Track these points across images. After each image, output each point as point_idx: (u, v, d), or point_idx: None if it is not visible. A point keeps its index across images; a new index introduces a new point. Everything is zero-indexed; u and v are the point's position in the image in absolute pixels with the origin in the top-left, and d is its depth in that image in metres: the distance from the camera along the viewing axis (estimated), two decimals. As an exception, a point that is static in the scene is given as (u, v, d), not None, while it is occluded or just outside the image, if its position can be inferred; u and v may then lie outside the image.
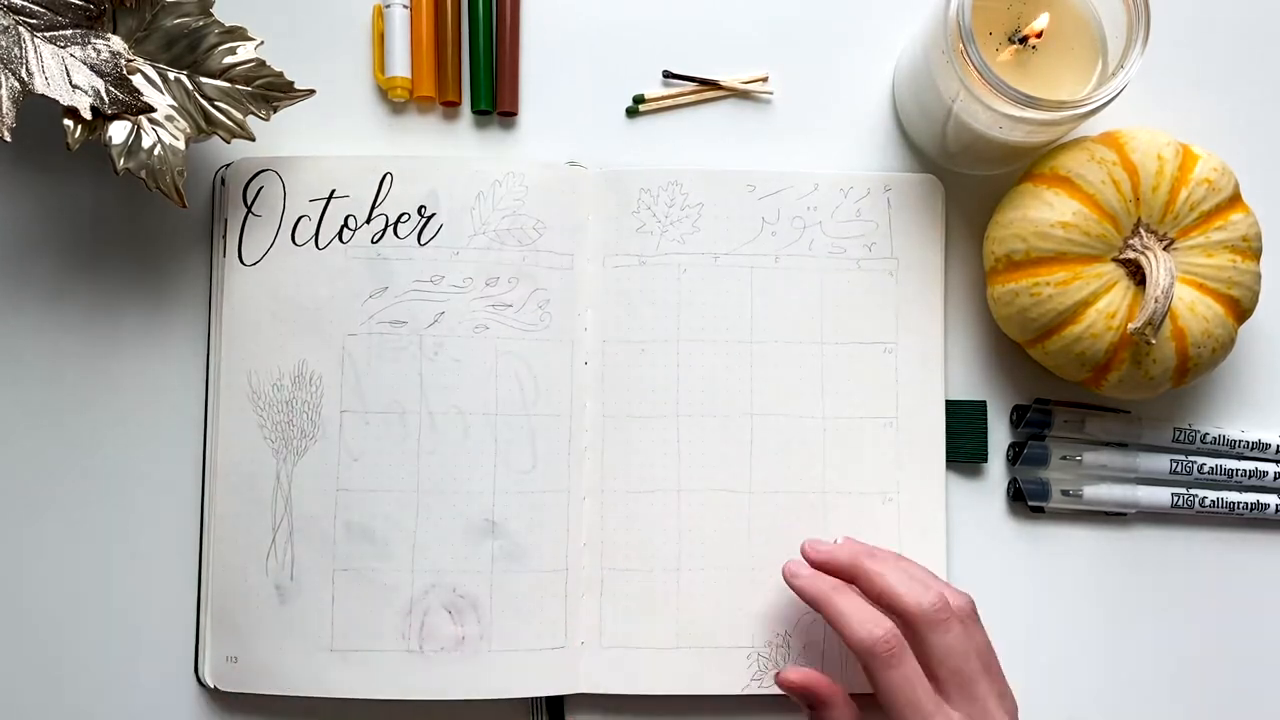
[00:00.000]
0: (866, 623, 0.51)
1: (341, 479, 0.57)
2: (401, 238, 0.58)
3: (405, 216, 0.58)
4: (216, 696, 0.57)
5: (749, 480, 0.58)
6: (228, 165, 0.59)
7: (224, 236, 0.58)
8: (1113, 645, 0.60)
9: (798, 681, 0.54)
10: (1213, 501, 0.60)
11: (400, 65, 0.59)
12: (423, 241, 0.58)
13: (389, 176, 0.58)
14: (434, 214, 0.58)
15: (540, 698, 0.57)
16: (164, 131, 0.53)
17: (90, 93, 0.52)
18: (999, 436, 0.60)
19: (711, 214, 0.59)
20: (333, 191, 0.58)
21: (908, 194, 0.60)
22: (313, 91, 0.56)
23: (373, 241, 0.58)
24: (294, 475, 0.57)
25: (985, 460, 0.60)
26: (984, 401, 0.60)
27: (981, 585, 0.59)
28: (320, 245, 0.58)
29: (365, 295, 0.58)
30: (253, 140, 0.55)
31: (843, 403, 0.59)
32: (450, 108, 0.61)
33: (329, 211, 0.58)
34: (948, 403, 0.59)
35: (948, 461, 0.59)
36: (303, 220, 0.58)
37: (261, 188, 0.58)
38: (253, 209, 0.58)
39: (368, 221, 0.58)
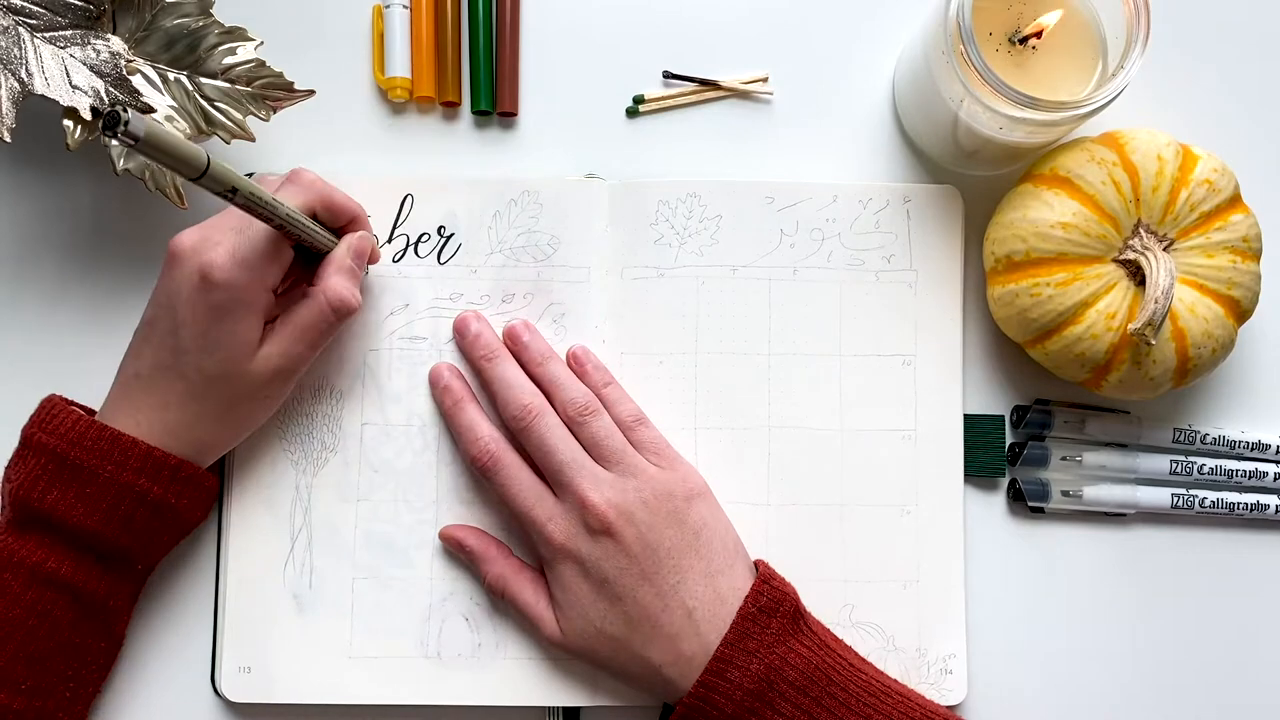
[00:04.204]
0: (464, 441, 0.56)
1: (361, 489, 0.57)
2: (422, 257, 0.58)
3: (425, 236, 0.58)
4: (233, 708, 0.57)
5: (766, 493, 0.58)
6: (249, 176, 0.58)
7: None
8: (1113, 645, 0.60)
9: (450, 538, 0.57)
10: (1213, 502, 0.60)
11: (400, 65, 0.59)
12: (443, 260, 0.58)
13: (410, 198, 0.58)
14: (453, 234, 0.58)
15: (557, 706, 0.57)
16: (164, 132, 0.53)
17: (90, 93, 0.52)
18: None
19: (730, 226, 0.59)
20: None
21: (927, 205, 0.59)
22: (313, 92, 0.56)
23: (394, 260, 0.58)
24: (313, 486, 0.57)
25: (1003, 475, 0.60)
26: (1002, 416, 0.60)
27: (981, 585, 0.59)
28: None
29: (386, 312, 0.58)
30: (253, 141, 0.55)
31: (861, 415, 0.59)
32: (450, 108, 0.61)
33: None
34: (965, 416, 0.59)
35: (965, 475, 0.59)
36: None
37: None
38: None
39: (389, 241, 0.58)
